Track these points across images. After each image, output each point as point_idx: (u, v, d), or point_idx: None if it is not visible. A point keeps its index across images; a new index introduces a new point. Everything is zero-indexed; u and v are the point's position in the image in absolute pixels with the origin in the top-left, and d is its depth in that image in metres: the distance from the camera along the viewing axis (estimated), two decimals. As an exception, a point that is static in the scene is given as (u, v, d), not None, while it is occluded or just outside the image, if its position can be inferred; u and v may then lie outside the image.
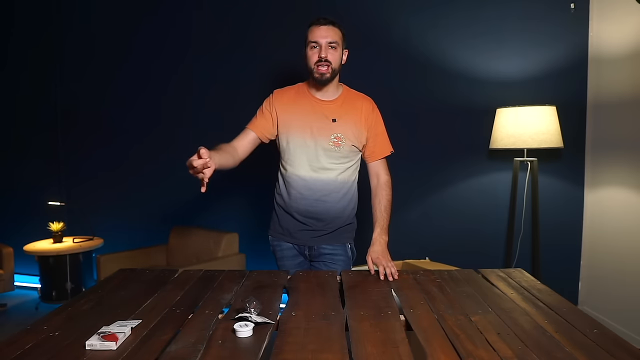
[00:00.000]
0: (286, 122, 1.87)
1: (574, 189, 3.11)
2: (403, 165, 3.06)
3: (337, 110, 1.85)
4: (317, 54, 1.76)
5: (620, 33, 2.78)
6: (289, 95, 1.91)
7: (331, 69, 1.77)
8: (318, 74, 1.77)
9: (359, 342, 1.13)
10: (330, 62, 1.76)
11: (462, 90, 3.19)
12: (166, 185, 3.85)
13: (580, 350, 1.10)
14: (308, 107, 1.86)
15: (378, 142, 1.90)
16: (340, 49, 1.81)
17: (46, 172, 4.14)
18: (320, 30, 1.76)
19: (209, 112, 3.71)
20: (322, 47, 1.76)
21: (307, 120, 1.84)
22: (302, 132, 1.84)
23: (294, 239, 1.96)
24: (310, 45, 1.78)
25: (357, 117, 1.86)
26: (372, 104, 1.92)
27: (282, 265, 2.00)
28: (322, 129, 1.83)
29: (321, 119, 1.84)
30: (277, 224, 2.00)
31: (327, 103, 1.86)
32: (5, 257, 3.57)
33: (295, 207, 1.90)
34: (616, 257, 2.84)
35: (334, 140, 1.83)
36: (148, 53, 3.82)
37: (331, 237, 1.93)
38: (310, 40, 1.78)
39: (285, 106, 1.88)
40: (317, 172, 1.86)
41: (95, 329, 1.18)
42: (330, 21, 1.79)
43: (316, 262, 1.96)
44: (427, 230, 3.32)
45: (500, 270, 1.79)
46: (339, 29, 1.81)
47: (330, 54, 1.76)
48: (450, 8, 3.18)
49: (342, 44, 1.81)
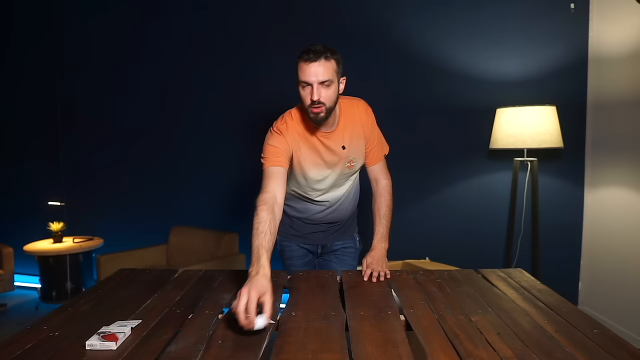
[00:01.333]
0: (300, 161, 1.75)
1: (574, 189, 3.11)
2: (403, 165, 3.06)
3: (342, 137, 1.76)
4: (309, 95, 1.59)
5: (620, 33, 2.78)
6: (294, 132, 1.74)
7: (325, 109, 1.61)
8: (313, 115, 1.62)
9: (359, 342, 1.13)
10: (324, 103, 1.60)
11: (462, 90, 3.19)
12: (166, 185, 3.85)
13: (580, 350, 1.10)
14: (317, 143, 1.75)
15: (375, 146, 1.85)
16: (335, 83, 1.62)
17: (46, 172, 4.14)
18: (310, 68, 1.55)
19: (209, 112, 3.71)
20: (313, 88, 1.57)
21: (320, 156, 1.76)
22: (318, 168, 1.77)
23: (306, 240, 1.98)
24: (300, 84, 1.61)
25: (358, 130, 1.80)
26: (365, 106, 1.82)
27: (290, 264, 2.00)
28: (336, 160, 1.78)
29: (333, 151, 1.76)
30: (288, 227, 2.00)
31: (332, 133, 1.75)
32: (5, 257, 3.57)
33: (311, 219, 1.93)
34: (616, 257, 2.84)
35: (348, 165, 1.81)
36: (148, 53, 3.82)
37: (341, 233, 1.99)
38: (301, 79, 1.59)
39: (294, 144, 1.73)
40: (335, 191, 1.87)
41: (95, 329, 1.18)
42: (321, 53, 1.56)
43: (327, 257, 2.01)
44: (427, 230, 3.32)
45: (500, 271, 1.78)
46: (333, 58, 1.59)
47: (323, 93, 1.58)
48: (450, 8, 3.18)
49: (337, 76, 1.62)
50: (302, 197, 1.88)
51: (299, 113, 1.75)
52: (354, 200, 1.97)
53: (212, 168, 3.75)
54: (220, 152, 3.71)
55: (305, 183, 1.81)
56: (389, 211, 1.85)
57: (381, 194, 1.86)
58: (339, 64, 1.62)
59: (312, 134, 1.73)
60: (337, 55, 1.61)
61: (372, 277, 1.67)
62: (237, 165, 3.65)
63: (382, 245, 1.78)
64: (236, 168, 3.66)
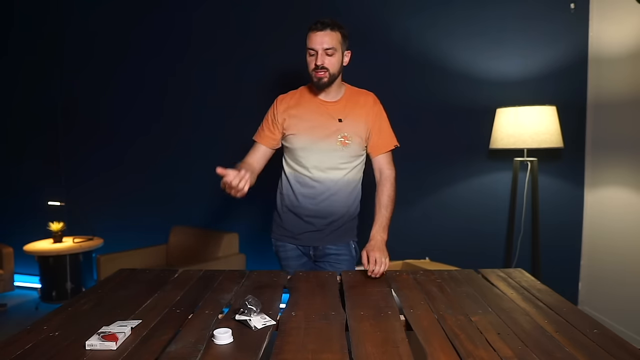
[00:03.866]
0: (292, 124, 1.87)
1: (574, 189, 3.11)
2: (403, 165, 3.04)
3: (341, 110, 1.86)
4: (314, 61, 1.77)
5: (620, 33, 2.78)
6: (293, 99, 1.91)
7: (329, 74, 1.77)
8: (316, 79, 1.79)
9: (359, 342, 1.13)
10: (327, 69, 1.76)
11: (462, 90, 3.19)
12: (166, 185, 3.85)
13: (580, 350, 1.10)
14: (313, 107, 1.87)
15: (381, 136, 1.89)
16: (339, 53, 1.79)
17: (46, 172, 4.14)
18: (317, 37, 1.75)
19: (209, 112, 3.71)
20: (318, 54, 1.75)
21: (313, 121, 1.85)
22: (309, 133, 1.84)
23: (298, 241, 1.95)
24: (308, 51, 1.79)
25: (360, 113, 1.86)
26: (374, 98, 1.92)
27: (286, 265, 1.99)
28: (328, 130, 1.84)
29: (327, 119, 1.84)
30: (280, 226, 1.99)
31: (332, 104, 1.87)
32: (5, 257, 3.57)
33: (302, 207, 1.90)
34: (616, 257, 2.84)
35: (341, 140, 1.84)
36: (148, 53, 3.82)
37: (335, 237, 1.93)
38: (308, 46, 1.78)
39: (290, 110, 1.88)
40: (325, 172, 1.86)
41: (95, 329, 1.18)
42: (328, 25, 1.75)
43: (321, 262, 1.96)
44: (427, 230, 3.32)
45: (500, 270, 1.78)
46: (339, 31, 1.78)
47: (327, 60, 1.76)
48: (450, 8, 3.18)
49: (341, 47, 1.80)
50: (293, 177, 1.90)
51: (307, 87, 1.92)
52: (351, 197, 1.92)
53: (213, 168, 3.69)
54: (221, 151, 3.70)
55: (292, 148, 1.87)
56: (390, 201, 1.83)
57: (383, 183, 1.86)
58: (345, 38, 1.81)
59: (314, 101, 1.87)
60: (343, 30, 1.80)
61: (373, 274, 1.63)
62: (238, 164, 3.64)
63: (381, 235, 1.75)
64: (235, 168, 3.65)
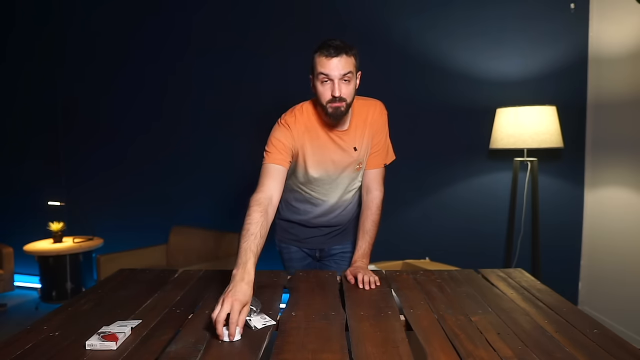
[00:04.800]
0: (309, 155, 1.68)
1: (574, 189, 3.11)
2: (403, 165, 3.05)
3: (354, 136, 1.70)
4: (329, 90, 1.54)
5: (620, 33, 2.78)
6: (304, 126, 1.68)
7: (346, 104, 1.56)
8: (331, 109, 1.56)
9: (359, 342, 1.13)
10: (345, 99, 1.55)
11: (462, 90, 3.19)
12: (166, 184, 3.85)
13: (580, 350, 1.10)
14: (327, 141, 1.68)
15: (378, 149, 1.75)
16: (354, 77, 1.58)
17: (46, 172, 4.14)
18: (332, 63, 1.51)
19: (208, 112, 3.71)
20: (335, 83, 1.53)
21: (330, 155, 1.69)
22: (326, 166, 1.70)
23: (304, 244, 1.94)
24: (320, 78, 1.54)
25: (369, 130, 1.72)
26: (380, 109, 1.75)
27: (289, 266, 1.98)
28: (347, 162, 1.71)
29: (345, 152, 1.70)
30: (285, 231, 1.96)
31: (345, 132, 1.68)
32: (5, 257, 3.57)
33: (310, 221, 1.87)
34: (616, 257, 2.84)
35: (357, 167, 1.75)
36: (148, 53, 3.82)
37: (341, 237, 1.93)
38: (321, 72, 1.53)
39: (305, 139, 1.67)
40: (343, 197, 1.81)
41: (95, 329, 1.18)
42: (342, 48, 1.52)
43: (326, 261, 1.96)
44: (427, 230, 3.32)
45: (500, 270, 1.78)
46: (352, 54, 1.55)
47: (344, 88, 1.54)
48: (450, 8, 3.19)
49: (355, 71, 1.58)
50: (305, 198, 1.82)
51: (312, 108, 1.68)
52: (357, 205, 1.88)
53: (213, 167, 3.75)
54: (221, 151, 3.71)
55: (307, 182, 1.75)
56: (374, 227, 1.73)
57: (369, 206, 1.75)
58: (357, 58, 1.59)
59: (324, 131, 1.67)
60: (355, 50, 1.57)
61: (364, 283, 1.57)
62: (238, 164, 3.65)
63: (363, 261, 1.69)
64: (236, 167, 3.66)
